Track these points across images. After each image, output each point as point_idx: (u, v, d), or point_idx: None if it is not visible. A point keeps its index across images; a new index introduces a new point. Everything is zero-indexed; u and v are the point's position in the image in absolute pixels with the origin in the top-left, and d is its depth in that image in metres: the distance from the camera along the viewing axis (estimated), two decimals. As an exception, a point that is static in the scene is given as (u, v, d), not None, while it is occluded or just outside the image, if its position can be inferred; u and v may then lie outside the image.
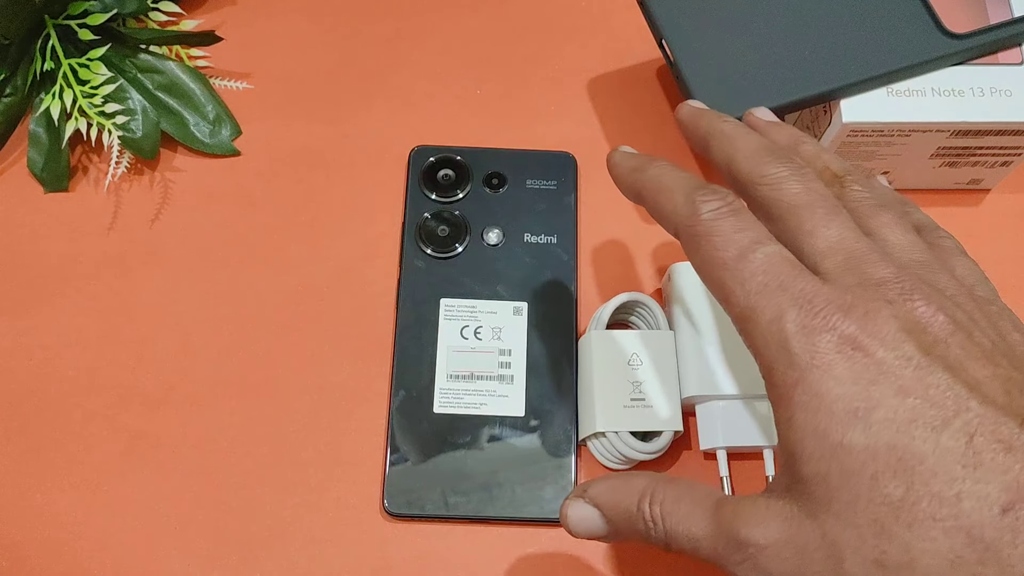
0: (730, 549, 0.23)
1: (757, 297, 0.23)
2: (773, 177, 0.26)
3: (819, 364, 0.22)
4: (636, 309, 0.37)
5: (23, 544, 0.34)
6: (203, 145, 0.41)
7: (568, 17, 0.45)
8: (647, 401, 0.34)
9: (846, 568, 0.21)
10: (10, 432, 0.36)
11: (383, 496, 0.35)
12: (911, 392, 0.21)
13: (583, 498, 0.27)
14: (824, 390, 0.22)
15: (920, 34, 0.36)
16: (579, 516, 0.27)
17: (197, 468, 0.36)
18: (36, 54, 0.40)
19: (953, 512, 0.20)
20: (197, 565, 0.34)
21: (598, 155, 0.42)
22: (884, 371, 0.22)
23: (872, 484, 0.21)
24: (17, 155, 0.41)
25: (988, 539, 0.20)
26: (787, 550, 0.22)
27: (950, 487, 0.20)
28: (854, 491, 0.21)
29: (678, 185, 0.26)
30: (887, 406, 0.21)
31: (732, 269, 0.24)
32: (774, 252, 0.24)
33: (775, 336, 0.23)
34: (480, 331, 0.37)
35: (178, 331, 0.38)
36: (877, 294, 0.23)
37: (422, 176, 0.40)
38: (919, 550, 0.20)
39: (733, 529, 0.23)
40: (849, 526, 0.21)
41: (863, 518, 0.21)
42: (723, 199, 0.25)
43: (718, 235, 0.25)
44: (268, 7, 0.45)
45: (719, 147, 0.28)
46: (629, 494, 0.26)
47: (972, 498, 0.20)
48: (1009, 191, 0.41)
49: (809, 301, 0.23)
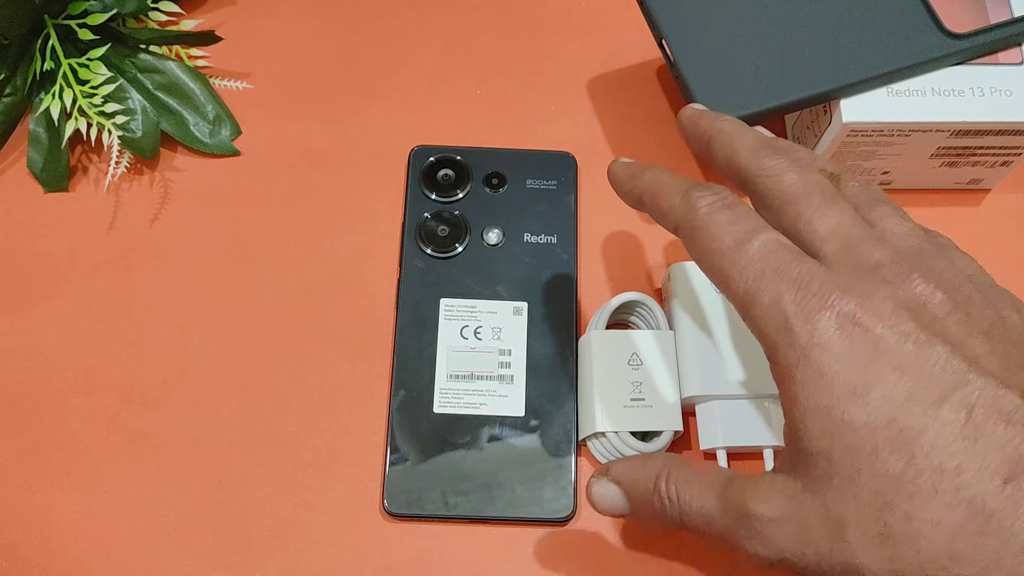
0: (739, 524, 0.24)
1: (756, 282, 0.24)
2: (772, 168, 0.27)
3: (819, 342, 0.23)
4: (636, 309, 0.37)
5: (23, 544, 0.34)
6: (203, 145, 0.41)
7: (568, 17, 0.45)
8: (647, 401, 0.34)
9: (849, 541, 0.22)
10: (10, 432, 0.36)
11: (383, 496, 0.35)
12: (909, 368, 0.22)
13: (606, 476, 0.29)
14: (824, 368, 0.23)
15: (920, 34, 0.36)
16: (602, 494, 0.29)
17: (197, 468, 0.36)
18: (36, 54, 0.40)
19: (954, 484, 0.21)
20: (197, 565, 0.34)
21: (598, 155, 0.42)
22: (883, 347, 0.22)
23: (873, 458, 0.22)
24: (17, 155, 0.41)
25: (989, 510, 0.20)
26: (792, 525, 0.23)
27: (951, 459, 0.21)
28: (855, 466, 0.22)
29: (674, 185, 0.27)
30: (886, 382, 0.22)
31: (730, 258, 0.25)
32: (771, 239, 0.25)
33: (775, 318, 0.24)
34: (480, 331, 0.37)
35: (178, 331, 0.38)
36: (875, 275, 0.24)
37: (422, 176, 0.40)
38: (921, 521, 0.21)
39: (741, 505, 0.24)
40: (851, 500, 0.22)
41: (865, 492, 0.22)
42: (717, 194, 0.26)
43: (715, 227, 0.25)
44: (268, 7, 0.45)
45: (720, 145, 0.29)
46: (647, 473, 0.27)
47: (973, 470, 0.21)
48: (1009, 191, 0.41)
49: (807, 283, 0.23)
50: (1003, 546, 0.20)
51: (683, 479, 0.26)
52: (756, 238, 0.25)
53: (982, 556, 0.20)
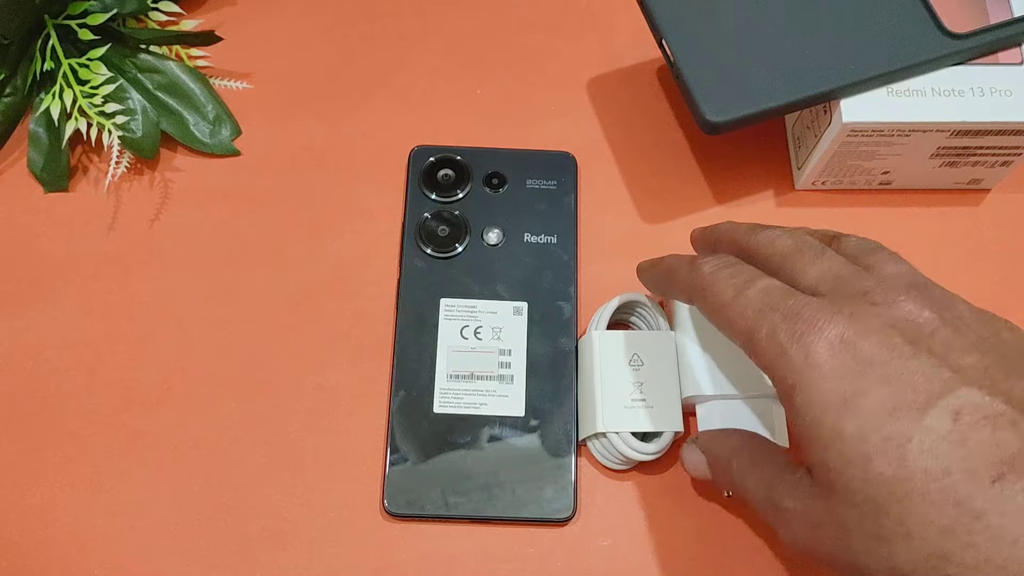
0: (774, 511, 0.28)
1: (754, 320, 0.26)
2: (767, 237, 0.30)
3: (811, 363, 0.25)
4: (636, 309, 0.37)
5: (23, 544, 0.34)
6: (203, 145, 0.41)
7: (568, 17, 0.45)
8: (648, 401, 0.34)
9: (852, 543, 0.24)
10: (10, 432, 0.36)
11: (383, 496, 0.35)
12: (895, 379, 0.23)
13: (696, 444, 0.33)
14: (817, 385, 0.24)
15: (920, 34, 0.36)
16: (693, 460, 0.33)
17: (197, 468, 0.36)
18: (36, 54, 0.40)
19: (941, 486, 0.22)
20: (197, 565, 0.34)
21: (598, 155, 0.42)
22: (871, 363, 0.24)
23: (866, 466, 0.23)
24: (17, 155, 0.41)
25: (978, 509, 0.21)
26: (806, 522, 0.26)
27: (937, 463, 0.22)
28: (851, 474, 0.24)
29: (683, 261, 0.31)
30: (873, 394, 0.23)
31: (732, 306, 0.27)
32: (768, 284, 0.27)
33: (773, 347, 0.26)
34: (480, 331, 0.37)
35: (178, 331, 0.38)
36: (864, 300, 0.25)
37: (422, 176, 0.40)
38: (912, 522, 0.22)
39: (776, 496, 0.27)
40: (850, 506, 0.24)
41: (861, 497, 0.23)
42: (719, 258, 0.29)
43: (718, 283, 0.28)
44: (268, 7, 0.45)
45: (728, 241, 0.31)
46: (725, 450, 0.31)
47: (960, 472, 0.22)
48: (1009, 191, 0.41)
49: (798, 313, 0.25)
50: (993, 544, 0.21)
51: (746, 464, 0.29)
52: (754, 285, 0.27)
53: (972, 555, 0.21)
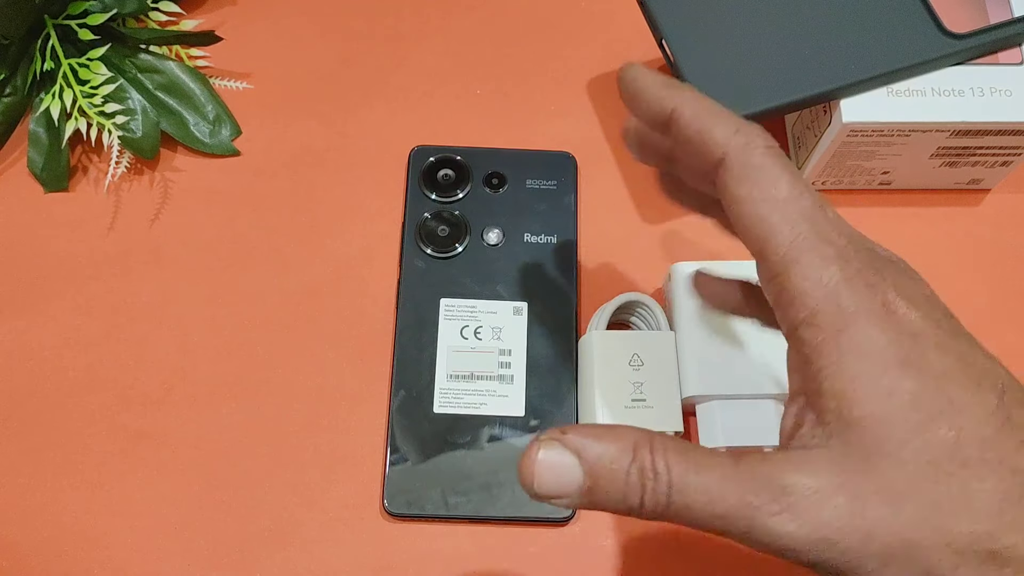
0: (763, 499, 0.21)
1: (805, 241, 0.23)
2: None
3: (866, 312, 0.22)
4: (636, 309, 0.37)
5: (23, 544, 0.34)
6: (203, 145, 0.41)
7: (568, 17, 0.45)
8: (648, 401, 0.34)
9: (906, 510, 0.21)
10: (10, 432, 0.36)
11: (383, 496, 0.35)
12: (949, 350, 0.23)
13: (560, 442, 0.22)
14: (874, 337, 0.22)
15: (920, 34, 0.36)
16: (552, 463, 0.22)
17: (196, 468, 0.36)
18: (36, 54, 0.40)
19: (998, 455, 0.22)
20: (197, 565, 0.34)
21: (598, 155, 0.42)
22: (922, 329, 0.23)
23: (926, 426, 0.22)
24: (17, 155, 0.41)
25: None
26: (840, 494, 0.21)
27: (994, 433, 0.22)
28: (909, 431, 0.22)
29: (726, 111, 0.25)
30: (931, 358, 0.22)
31: (782, 208, 0.24)
32: (818, 201, 0.24)
33: (822, 282, 0.23)
34: (480, 331, 0.37)
35: (178, 331, 0.38)
36: (894, 267, 0.24)
37: (422, 176, 0.40)
38: (974, 489, 0.21)
39: (771, 476, 0.22)
40: (907, 465, 0.22)
41: (921, 458, 0.22)
42: (771, 140, 0.25)
43: (775, 168, 0.24)
44: (268, 7, 0.45)
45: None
46: (621, 442, 0.22)
47: (1012, 444, 0.22)
48: (1009, 191, 0.41)
49: (850, 258, 0.23)
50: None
51: (675, 449, 0.22)
52: (808, 195, 0.24)
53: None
